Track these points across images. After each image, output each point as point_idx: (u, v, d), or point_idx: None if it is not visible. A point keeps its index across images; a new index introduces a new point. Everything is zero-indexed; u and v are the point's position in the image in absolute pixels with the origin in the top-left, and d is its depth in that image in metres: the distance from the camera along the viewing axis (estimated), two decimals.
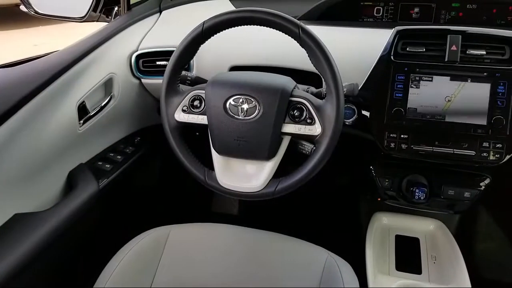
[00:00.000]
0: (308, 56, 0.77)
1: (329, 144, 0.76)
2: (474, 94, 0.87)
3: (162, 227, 0.97)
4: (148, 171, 1.40)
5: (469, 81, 0.88)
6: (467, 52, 0.88)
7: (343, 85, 0.84)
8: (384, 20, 1.16)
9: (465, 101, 0.88)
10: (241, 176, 0.83)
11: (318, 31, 0.96)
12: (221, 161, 0.84)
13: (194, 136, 1.00)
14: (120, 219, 1.25)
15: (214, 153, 0.84)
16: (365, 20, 1.17)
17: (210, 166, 0.85)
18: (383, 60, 0.93)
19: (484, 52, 0.88)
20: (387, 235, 1.14)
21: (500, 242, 1.37)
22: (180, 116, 0.83)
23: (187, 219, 1.02)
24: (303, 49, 0.77)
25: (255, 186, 0.81)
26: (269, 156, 0.80)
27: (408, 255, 1.08)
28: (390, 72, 0.91)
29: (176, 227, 0.97)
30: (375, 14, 1.17)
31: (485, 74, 0.87)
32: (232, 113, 0.79)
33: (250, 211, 1.63)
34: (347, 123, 0.96)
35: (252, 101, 0.77)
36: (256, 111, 0.77)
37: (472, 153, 0.87)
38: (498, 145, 0.86)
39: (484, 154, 0.86)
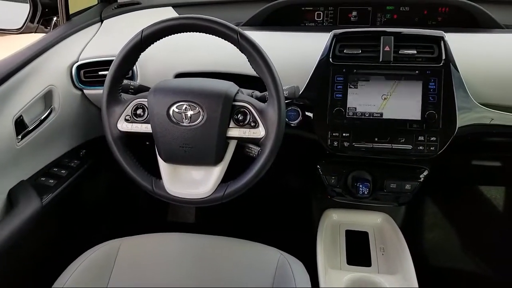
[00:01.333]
0: (248, 61, 0.79)
1: (273, 145, 0.78)
2: (408, 91, 0.92)
3: (112, 240, 0.95)
4: (97, 184, 1.36)
5: (403, 79, 0.93)
6: (399, 52, 0.93)
7: (284, 88, 0.87)
8: (324, 24, 1.21)
9: (400, 98, 0.92)
10: (189, 182, 0.83)
11: (261, 36, 0.99)
12: (168, 169, 0.83)
13: (144, 146, 0.99)
14: (68, 236, 1.20)
15: (160, 161, 0.83)
16: (307, 24, 1.21)
17: (159, 175, 0.85)
18: (323, 62, 0.96)
19: (415, 52, 0.93)
20: (338, 230, 1.18)
21: (445, 230, 1.45)
22: (123, 126, 0.82)
23: (142, 231, 1.01)
24: None
25: (204, 192, 0.81)
26: (216, 161, 0.81)
27: (358, 249, 1.12)
28: (330, 74, 0.95)
29: (127, 239, 0.95)
30: (316, 19, 1.21)
31: (417, 72, 0.92)
32: (176, 120, 0.79)
33: (207, 218, 1.63)
34: (292, 124, 0.98)
35: (196, 107, 0.78)
36: (200, 117, 0.78)
37: (409, 147, 0.92)
38: (432, 139, 0.91)
39: (420, 147, 0.91)
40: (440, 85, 0.91)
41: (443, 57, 0.92)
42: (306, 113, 0.97)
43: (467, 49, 0.99)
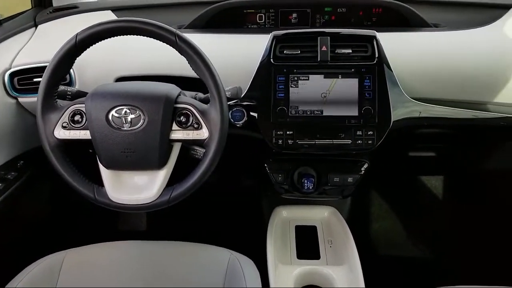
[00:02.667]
0: (188, 63, 0.79)
1: (217, 146, 0.79)
2: (346, 89, 0.96)
3: (55, 253, 0.91)
4: (38, 195, 1.30)
5: (340, 77, 0.96)
6: (336, 51, 0.97)
7: (227, 89, 0.88)
8: (266, 26, 1.23)
9: (338, 96, 0.96)
10: (133, 188, 0.82)
11: (203, 38, 0.99)
12: (110, 175, 0.81)
13: (88, 153, 0.96)
14: (7, 252, 1.14)
15: (102, 168, 0.82)
16: (249, 26, 1.23)
17: (102, 182, 0.82)
18: (264, 63, 0.98)
19: (350, 51, 0.97)
20: (288, 227, 1.20)
21: (388, 221, 1.53)
22: (60, 133, 0.80)
23: (90, 242, 0.98)
24: None
25: (149, 196, 0.80)
26: (160, 165, 0.81)
27: (307, 243, 1.15)
28: (271, 74, 0.97)
29: (71, 251, 0.92)
30: (258, 21, 1.23)
31: (353, 70, 0.96)
32: (116, 124, 0.77)
33: (158, 225, 1.60)
34: (238, 125, 0.99)
35: (136, 111, 0.77)
36: (141, 120, 0.77)
37: (349, 141, 0.96)
38: (369, 133, 0.95)
39: (359, 141, 0.96)
40: (375, 82, 0.95)
41: (376, 55, 0.96)
42: (251, 113, 0.99)
43: (399, 47, 1.05)
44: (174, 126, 0.80)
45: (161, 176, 0.81)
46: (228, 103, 0.92)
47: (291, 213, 1.24)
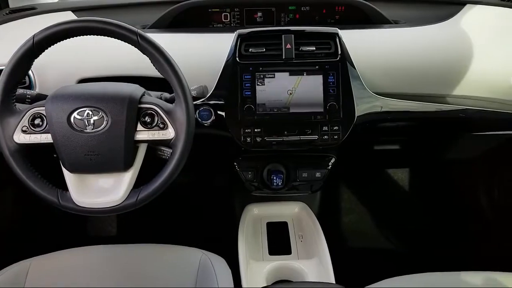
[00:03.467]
0: (152, 62, 0.79)
1: (184, 146, 0.79)
2: (311, 86, 0.97)
3: (20, 262, 0.88)
4: (1, 203, 1.25)
5: (305, 74, 0.98)
6: (300, 49, 0.98)
7: (192, 88, 0.87)
8: (232, 25, 1.23)
9: (304, 92, 0.97)
10: (99, 191, 0.80)
11: (168, 38, 0.98)
12: (74, 179, 0.80)
13: (52, 157, 0.93)
14: None
15: (65, 172, 0.80)
16: (214, 26, 1.23)
17: (67, 187, 0.81)
18: (230, 62, 0.98)
19: (314, 48, 0.99)
20: (259, 224, 1.21)
21: (357, 213, 1.57)
22: (20, 138, 0.77)
23: (58, 249, 0.95)
24: None
25: (115, 199, 0.79)
26: (125, 167, 0.79)
27: (279, 239, 1.17)
28: (238, 72, 0.97)
29: (38, 259, 0.89)
30: (223, 20, 1.23)
31: (317, 67, 0.97)
32: (79, 127, 0.76)
33: (129, 227, 1.58)
34: (205, 124, 0.99)
35: (99, 112, 0.76)
36: (105, 122, 0.76)
37: (315, 137, 0.97)
38: (335, 128, 0.98)
39: (325, 137, 0.98)
40: (338, 78, 0.97)
41: (339, 52, 0.98)
42: (219, 112, 0.99)
43: (361, 43, 1.07)
44: (139, 127, 0.79)
45: (127, 178, 0.80)
46: (195, 102, 0.92)
47: (262, 210, 1.25)
